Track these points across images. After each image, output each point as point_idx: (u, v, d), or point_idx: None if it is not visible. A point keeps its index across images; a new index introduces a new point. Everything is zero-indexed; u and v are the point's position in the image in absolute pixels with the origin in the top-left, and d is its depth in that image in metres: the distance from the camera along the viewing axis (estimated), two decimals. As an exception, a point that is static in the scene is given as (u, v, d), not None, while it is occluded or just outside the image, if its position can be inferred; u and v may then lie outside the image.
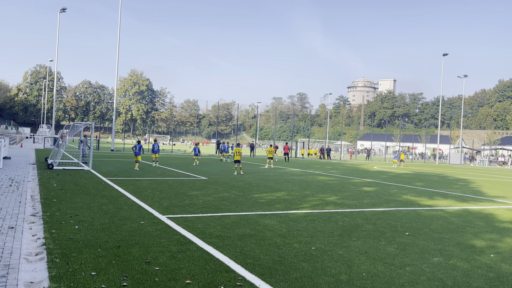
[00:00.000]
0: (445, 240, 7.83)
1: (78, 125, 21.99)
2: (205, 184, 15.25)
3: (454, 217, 10.61)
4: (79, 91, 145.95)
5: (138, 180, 15.71)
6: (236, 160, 20.73)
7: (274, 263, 5.83)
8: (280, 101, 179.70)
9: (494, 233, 8.70)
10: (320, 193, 14.22)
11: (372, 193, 15.00)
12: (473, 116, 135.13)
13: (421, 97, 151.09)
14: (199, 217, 8.90)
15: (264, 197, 12.59)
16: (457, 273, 5.78)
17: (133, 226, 7.68)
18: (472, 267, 6.11)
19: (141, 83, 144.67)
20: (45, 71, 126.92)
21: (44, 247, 5.99)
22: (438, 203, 13.31)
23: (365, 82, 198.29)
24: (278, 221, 8.85)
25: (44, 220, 7.79)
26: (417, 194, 15.63)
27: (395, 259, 6.35)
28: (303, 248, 6.69)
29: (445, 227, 9.09)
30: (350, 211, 10.66)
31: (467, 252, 6.97)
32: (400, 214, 10.56)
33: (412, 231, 8.51)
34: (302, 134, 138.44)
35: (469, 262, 6.40)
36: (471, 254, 6.89)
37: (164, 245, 6.43)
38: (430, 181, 22.50)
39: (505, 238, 8.29)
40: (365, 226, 8.79)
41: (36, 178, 14.63)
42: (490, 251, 7.15)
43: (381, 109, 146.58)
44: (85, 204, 9.71)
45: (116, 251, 6.00)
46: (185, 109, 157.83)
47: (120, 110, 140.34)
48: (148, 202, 10.51)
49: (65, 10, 46.39)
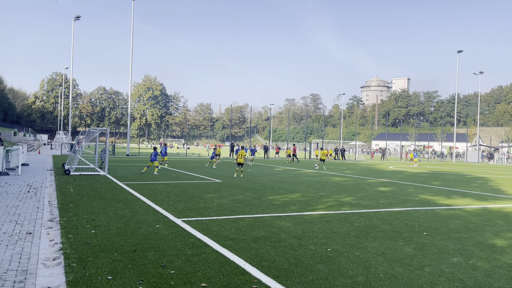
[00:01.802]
0: (464, 239, 7.68)
1: (94, 131, 22.26)
2: (220, 187, 15.26)
3: (473, 216, 10.41)
4: (94, 98, 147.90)
5: (153, 184, 15.82)
6: (238, 163, 20.34)
7: (290, 265, 5.78)
8: (293, 102, 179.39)
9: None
10: (335, 194, 14.10)
11: (388, 193, 14.82)
12: (490, 113, 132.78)
13: (436, 95, 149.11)
14: (214, 220, 8.90)
15: (278, 199, 12.54)
16: (477, 273, 5.65)
17: (148, 230, 7.71)
18: (493, 267, 5.97)
19: (155, 88, 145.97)
20: (61, 79, 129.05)
21: (61, 252, 6.05)
22: (456, 202, 13.08)
23: (379, 82, 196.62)
24: (293, 222, 8.79)
25: (61, 225, 7.88)
26: (434, 193, 15.39)
27: (413, 259, 6.24)
28: (319, 250, 6.62)
29: (464, 227, 8.92)
30: (366, 212, 10.54)
31: (487, 252, 6.82)
32: (417, 214, 10.40)
33: (430, 231, 8.36)
34: (316, 135, 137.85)
35: (490, 262, 6.25)
36: (491, 253, 6.73)
37: (179, 249, 6.43)
38: (447, 180, 22.15)
39: (527, 237, 8.08)
40: (382, 226, 8.67)
41: (53, 183, 14.84)
42: (511, 250, 6.98)
43: (395, 108, 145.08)
44: (101, 209, 9.80)
45: (132, 255, 6.03)
46: (199, 113, 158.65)
47: (135, 115, 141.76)
48: (163, 205, 10.56)
49: (79, 18, 47.09)
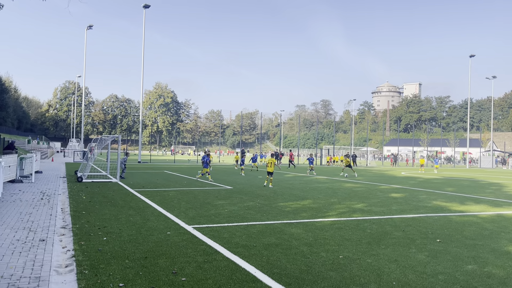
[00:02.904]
0: (478, 246, 7.55)
1: (106, 138, 22.47)
2: (230, 194, 15.26)
3: (487, 222, 10.24)
4: (106, 105, 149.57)
5: (164, 191, 15.88)
6: (268, 172, 18.47)
7: (301, 272, 5.74)
8: (304, 108, 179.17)
9: (531, 239, 8.33)
10: (347, 201, 14.00)
11: (401, 200, 14.66)
12: (503, 118, 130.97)
13: (448, 100, 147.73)
14: (225, 226, 8.90)
15: (289, 205, 12.49)
16: (492, 281, 5.55)
17: (160, 236, 7.73)
18: (508, 274, 5.85)
19: (166, 95, 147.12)
20: (73, 87, 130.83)
21: (74, 259, 6.09)
22: (470, 208, 12.89)
23: (390, 87, 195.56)
24: (304, 229, 8.74)
25: (73, 232, 7.95)
26: (448, 199, 15.19)
27: (427, 267, 6.15)
28: (331, 257, 6.57)
29: (478, 233, 8.77)
30: (378, 218, 10.44)
31: (502, 259, 6.69)
32: (430, 221, 10.26)
33: (443, 238, 8.24)
34: (327, 141, 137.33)
35: (505, 269, 6.13)
36: (507, 261, 6.61)
37: (190, 255, 6.44)
38: (461, 186, 21.85)
39: (544, 244, 7.92)
40: (394, 233, 8.57)
41: (66, 191, 14.99)
42: (527, 257, 6.84)
43: (407, 114, 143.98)
44: (113, 216, 9.86)
45: (143, 262, 6.04)
46: (210, 120, 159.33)
47: (146, 123, 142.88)
48: (175, 212, 10.59)
49: (91, 27, 47.81)
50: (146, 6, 43.34)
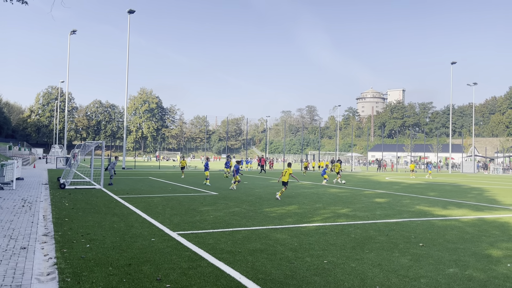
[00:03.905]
0: (460, 250, 7.68)
1: (89, 144, 22.21)
2: (216, 200, 15.22)
3: (469, 226, 10.43)
4: (90, 111, 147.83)
5: (149, 197, 15.76)
6: (283, 182, 16.55)
7: (286, 277, 5.76)
8: (289, 114, 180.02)
9: (511, 242, 8.51)
10: (332, 206, 14.09)
11: (385, 204, 14.82)
12: (484, 123, 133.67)
13: (431, 106, 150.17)
14: (210, 232, 8.87)
15: (275, 211, 12.52)
16: (473, 284, 5.65)
17: (144, 243, 7.67)
18: (489, 278, 5.97)
19: (151, 101, 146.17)
20: (56, 92, 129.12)
21: (56, 267, 6.00)
22: (452, 212, 13.10)
23: (374, 93, 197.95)
24: (289, 235, 8.78)
25: (56, 239, 7.83)
26: (430, 204, 15.41)
27: (409, 271, 6.24)
28: (315, 262, 6.61)
29: (460, 237, 8.93)
30: (362, 223, 10.53)
31: (483, 262, 6.82)
32: (413, 225, 10.40)
33: (426, 242, 8.37)
34: (312, 146, 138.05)
35: (486, 272, 6.26)
36: (487, 264, 6.74)
37: (175, 262, 6.40)
38: (443, 191, 22.19)
39: (523, 247, 8.10)
40: (378, 238, 8.67)
41: (48, 198, 14.76)
42: (507, 260, 6.99)
43: (391, 120, 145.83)
44: (96, 223, 9.74)
45: (127, 269, 5.99)
46: (195, 125, 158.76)
47: (131, 128, 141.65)
48: (159, 219, 10.51)
49: (75, 32, 47.32)
50: (131, 11, 43.14)
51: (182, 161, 30.40)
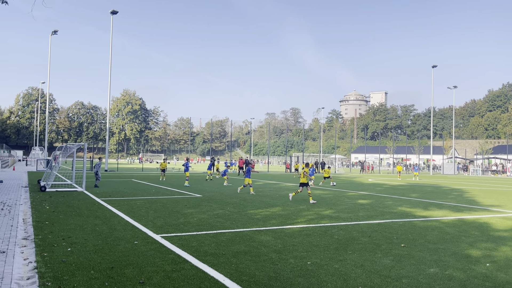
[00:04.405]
0: (440, 250, 7.82)
1: (71, 146, 21.86)
2: (200, 202, 15.16)
3: (449, 227, 10.62)
4: (72, 112, 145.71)
5: (132, 200, 15.60)
6: (301, 183, 16.29)
7: (270, 279, 5.77)
8: (274, 116, 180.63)
9: (490, 242, 8.70)
10: (316, 207, 14.18)
11: (367, 206, 14.98)
12: (464, 126, 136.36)
13: (412, 109, 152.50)
14: (194, 235, 8.83)
15: (259, 213, 12.53)
16: (453, 284, 5.76)
17: (126, 246, 7.59)
18: (468, 277, 6.09)
19: (134, 102, 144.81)
20: (37, 93, 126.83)
21: (36, 271, 5.89)
22: (433, 213, 13.32)
23: (357, 96, 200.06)
24: (273, 236, 8.80)
25: (36, 243, 7.69)
26: (412, 205, 15.64)
27: (391, 271, 6.32)
28: (299, 263, 6.64)
29: (440, 238, 9.08)
30: (345, 225, 10.63)
31: (463, 262, 6.96)
32: (395, 226, 10.54)
33: (407, 242, 8.49)
34: (296, 148, 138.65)
35: (465, 272, 6.38)
36: (467, 264, 6.87)
37: (158, 265, 6.36)
38: (425, 192, 22.54)
39: (501, 247, 8.29)
40: (361, 239, 8.76)
41: (28, 201, 14.48)
42: (486, 260, 7.14)
43: (373, 122, 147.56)
44: (78, 226, 9.61)
45: (110, 272, 5.92)
46: (179, 127, 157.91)
47: (114, 130, 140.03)
48: (142, 221, 10.42)
49: (56, 32, 46.59)
50: (114, 12, 42.69)
51: (163, 163, 30.21)
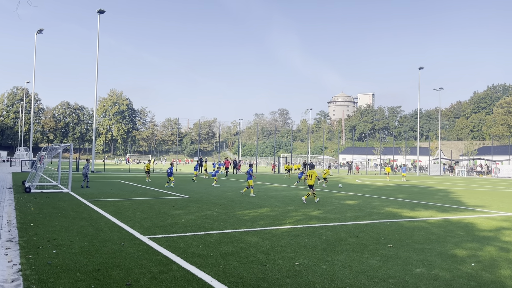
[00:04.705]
0: (427, 250, 7.90)
1: (57, 147, 21.57)
2: (187, 203, 15.09)
3: (435, 227, 10.73)
4: (57, 113, 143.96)
5: (118, 201, 15.46)
6: (309, 185, 16.67)
7: (258, 280, 5.77)
8: (262, 117, 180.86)
9: (475, 242, 8.82)
10: (304, 208, 14.22)
11: (355, 206, 15.08)
12: (450, 127, 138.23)
13: (399, 110, 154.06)
14: (181, 236, 8.78)
15: (247, 214, 12.52)
16: (439, 283, 5.82)
17: (113, 248, 7.52)
18: (453, 277, 6.16)
19: (121, 102, 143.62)
20: (22, 93, 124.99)
21: (20, 273, 5.80)
22: (420, 214, 13.46)
23: (345, 97, 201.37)
24: (261, 237, 8.79)
25: (20, 245, 7.56)
26: (399, 206, 15.78)
27: (378, 271, 6.36)
28: (287, 264, 6.65)
29: (426, 238, 9.18)
30: (333, 225, 10.68)
31: (448, 262, 7.04)
32: (382, 226, 10.62)
33: (394, 243, 8.56)
34: (285, 149, 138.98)
35: (451, 271, 6.46)
36: (452, 263, 6.96)
37: (145, 266, 6.30)
38: (412, 193, 22.77)
39: (485, 246, 8.41)
40: (348, 239, 8.80)
41: (12, 202, 14.24)
42: (471, 260, 7.24)
43: (361, 123, 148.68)
44: (63, 228, 9.48)
45: (96, 274, 5.85)
46: (167, 128, 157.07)
47: (100, 131, 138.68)
48: (129, 223, 10.33)
49: (42, 31, 45.98)
50: (101, 11, 42.30)
51: (147, 164, 30.07)
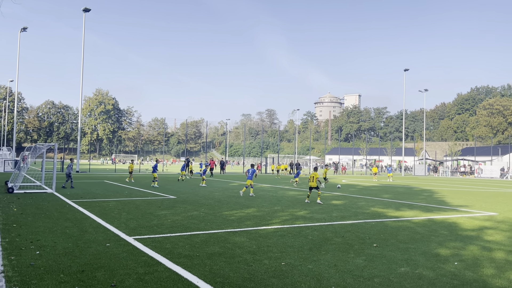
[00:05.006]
0: (411, 250, 8.00)
1: (40, 146, 21.26)
2: (174, 203, 15.01)
3: (419, 227, 10.87)
4: (42, 112, 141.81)
5: (104, 201, 15.30)
6: (310, 187, 16.45)
7: (244, 280, 5.77)
8: (249, 117, 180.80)
9: (458, 241, 8.96)
10: (290, 208, 14.27)
11: (341, 206, 15.18)
12: (434, 128, 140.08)
13: (385, 111, 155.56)
14: (168, 237, 8.73)
15: (234, 214, 12.51)
16: (423, 282, 5.90)
17: (98, 249, 7.44)
18: (437, 276, 6.25)
19: (107, 102, 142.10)
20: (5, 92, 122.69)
21: (3, 275, 5.70)
22: (405, 214, 13.62)
23: (331, 98, 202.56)
24: (248, 238, 8.80)
25: (2, 246, 7.43)
26: (384, 206, 15.94)
27: (364, 271, 6.42)
28: (273, 264, 6.66)
29: (411, 237, 9.29)
30: (319, 225, 10.74)
31: (432, 261, 7.14)
32: (368, 226, 10.72)
33: (379, 242, 8.65)
34: (272, 149, 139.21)
35: (435, 270, 6.55)
36: (436, 262, 7.06)
37: (130, 267, 6.25)
38: (397, 193, 23.02)
39: (468, 246, 8.55)
40: (334, 239, 8.86)
41: (-5, 203, 13.99)
42: (454, 259, 7.35)
43: (347, 124, 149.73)
44: (47, 228, 9.34)
45: (80, 275, 5.78)
46: (153, 128, 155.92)
47: (86, 130, 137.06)
48: (115, 223, 10.23)
49: (26, 29, 45.26)
50: (86, 9, 41.79)
51: (131, 164, 29.88)
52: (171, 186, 24.20)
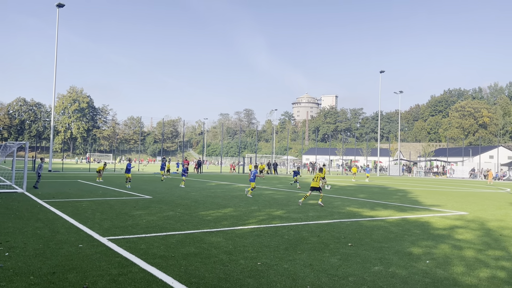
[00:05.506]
0: (385, 249, 8.14)
1: (11, 145, 20.65)
2: (149, 203, 14.83)
3: (393, 226, 11.07)
4: (12, 109, 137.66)
5: (77, 201, 14.98)
6: (312, 187, 16.04)
7: (219, 280, 5.75)
8: (227, 117, 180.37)
9: (430, 240, 9.17)
10: (267, 208, 14.30)
11: (317, 206, 15.31)
12: (409, 129, 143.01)
13: (361, 112, 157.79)
14: (142, 237, 8.62)
15: (210, 214, 12.45)
16: (396, 280, 6.01)
17: (70, 250, 7.27)
18: (409, 274, 6.38)
19: (81, 100, 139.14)
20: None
21: (-32, 278, 5.50)
22: (379, 213, 13.84)
23: (309, 98, 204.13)
24: (224, 238, 8.77)
25: (-31, 248, 7.18)
26: (360, 205, 16.17)
27: (338, 270, 6.49)
28: (249, 264, 6.66)
29: (385, 237, 9.45)
30: (295, 225, 10.80)
31: (405, 260, 7.28)
32: (343, 226, 10.85)
33: (354, 241, 8.76)
34: (250, 149, 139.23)
35: (407, 269, 6.68)
36: (408, 261, 7.20)
37: (104, 269, 6.14)
38: (372, 193, 23.39)
39: (440, 244, 8.76)
40: (310, 239, 8.93)
41: (-38, 203, 13.50)
42: (426, 257, 7.51)
43: (324, 124, 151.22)
44: (17, 229, 9.08)
45: (51, 277, 5.64)
46: (129, 127, 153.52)
47: (59, 129, 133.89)
48: (88, 224, 10.03)
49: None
50: (60, 5, 40.84)
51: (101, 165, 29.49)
52: (146, 186, 23.90)
